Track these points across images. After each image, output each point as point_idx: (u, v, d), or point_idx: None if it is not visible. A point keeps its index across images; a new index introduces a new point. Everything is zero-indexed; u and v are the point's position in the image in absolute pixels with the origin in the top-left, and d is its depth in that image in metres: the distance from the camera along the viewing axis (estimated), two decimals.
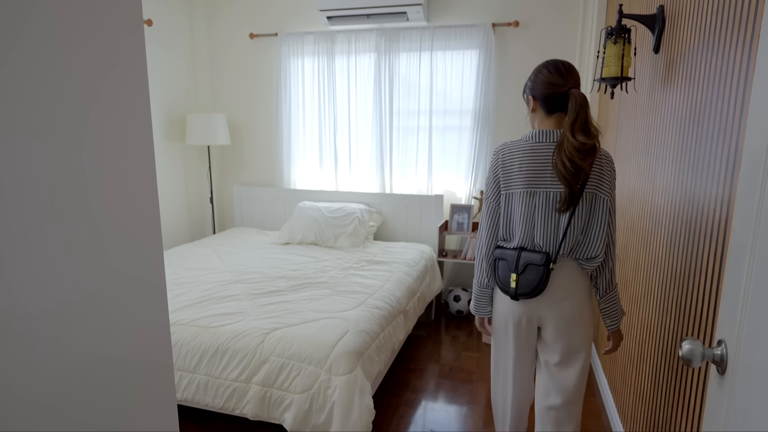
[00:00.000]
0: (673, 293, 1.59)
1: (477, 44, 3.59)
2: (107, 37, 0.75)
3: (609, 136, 2.89)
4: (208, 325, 2.21)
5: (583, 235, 1.58)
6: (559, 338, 1.61)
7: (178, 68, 4.01)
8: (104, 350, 0.80)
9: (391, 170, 3.93)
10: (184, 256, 3.32)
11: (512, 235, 1.63)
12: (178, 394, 2.13)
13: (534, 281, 1.55)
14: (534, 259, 1.56)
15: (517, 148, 1.59)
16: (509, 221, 1.63)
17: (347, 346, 2.04)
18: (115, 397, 0.83)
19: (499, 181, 1.61)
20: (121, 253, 0.83)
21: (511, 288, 1.59)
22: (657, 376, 1.73)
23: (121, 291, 0.82)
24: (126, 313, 0.84)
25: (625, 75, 1.93)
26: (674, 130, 1.69)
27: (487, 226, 1.65)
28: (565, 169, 1.48)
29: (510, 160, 1.59)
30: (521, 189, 1.57)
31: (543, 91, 1.56)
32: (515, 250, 1.60)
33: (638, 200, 2.12)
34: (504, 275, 1.62)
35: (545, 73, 1.56)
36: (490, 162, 1.65)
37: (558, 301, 1.58)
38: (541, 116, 1.60)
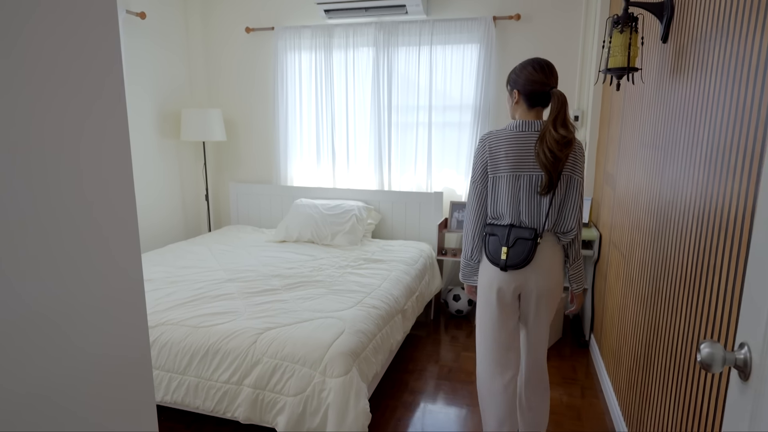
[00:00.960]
0: (684, 293, 1.52)
1: (477, 38, 3.52)
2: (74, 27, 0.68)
3: (614, 131, 2.81)
4: (198, 325, 2.14)
5: (559, 212, 1.81)
6: (537, 304, 1.84)
7: (172, 62, 3.93)
8: (80, 351, 0.74)
9: (389, 167, 3.85)
10: (177, 254, 3.24)
11: (501, 214, 1.83)
12: (167, 397, 2.06)
13: (523, 254, 1.77)
14: (523, 234, 1.78)
15: (502, 136, 1.79)
16: (496, 201, 1.83)
17: (343, 346, 1.97)
18: (92, 399, 0.77)
19: (486, 165, 1.81)
20: (98, 254, 0.76)
21: (501, 260, 1.79)
22: (665, 379, 1.65)
23: (96, 291, 0.75)
24: (101, 313, 0.77)
25: (631, 65, 1.85)
26: (684, 122, 1.61)
27: (475, 207, 1.85)
28: (546, 159, 1.71)
29: (497, 146, 1.79)
30: (507, 173, 1.78)
31: (528, 87, 1.77)
32: (506, 227, 1.81)
33: (644, 197, 2.04)
34: (495, 249, 1.82)
35: (530, 70, 1.77)
36: (477, 148, 1.84)
37: (540, 272, 1.81)
38: (523, 108, 1.82)
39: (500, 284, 1.82)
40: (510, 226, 1.80)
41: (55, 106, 0.67)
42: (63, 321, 0.71)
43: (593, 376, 2.80)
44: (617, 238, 2.55)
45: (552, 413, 2.45)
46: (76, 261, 0.72)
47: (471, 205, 1.87)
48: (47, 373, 0.69)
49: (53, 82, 0.67)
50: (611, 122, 2.90)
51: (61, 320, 0.70)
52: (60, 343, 0.71)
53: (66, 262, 0.71)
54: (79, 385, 0.75)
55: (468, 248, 1.89)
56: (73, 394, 0.74)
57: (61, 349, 0.71)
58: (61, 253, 0.70)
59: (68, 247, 0.71)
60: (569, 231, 1.82)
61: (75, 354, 0.73)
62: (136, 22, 3.57)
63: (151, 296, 2.46)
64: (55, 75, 0.67)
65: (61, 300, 0.70)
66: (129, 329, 0.85)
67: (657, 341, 1.77)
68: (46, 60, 0.65)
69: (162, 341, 2.10)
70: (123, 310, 0.83)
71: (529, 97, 1.79)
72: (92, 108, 0.73)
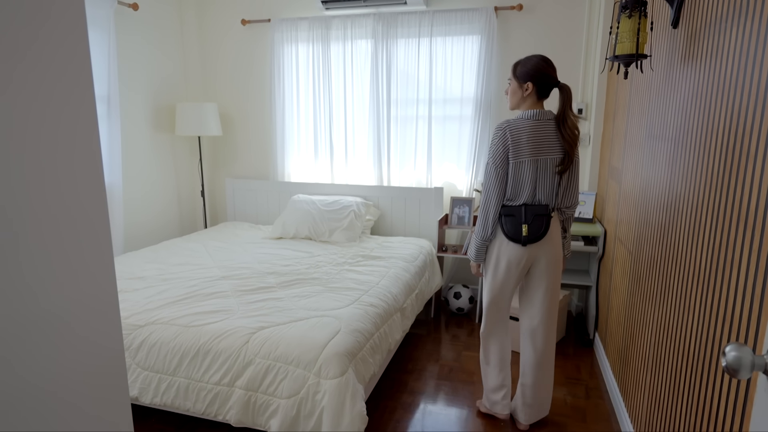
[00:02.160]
0: (698, 290, 1.44)
1: (478, 29, 3.43)
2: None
3: (619, 124, 2.72)
4: (189, 324, 2.06)
5: (566, 190, 2.06)
6: (547, 272, 2.08)
7: (166, 55, 3.85)
8: (51, 351, 0.66)
9: (388, 162, 3.77)
10: (171, 251, 3.16)
11: (517, 195, 2.01)
12: (156, 399, 1.99)
13: (541, 229, 2.00)
14: (539, 210, 2.00)
15: (522, 125, 1.97)
16: (517, 184, 2.00)
17: (338, 346, 1.89)
18: (64, 400, 0.69)
19: (509, 151, 1.97)
20: (70, 255, 0.68)
21: (523, 236, 2.00)
22: (677, 381, 1.57)
23: (68, 291, 0.67)
24: (73, 313, 0.69)
25: (640, 52, 1.76)
26: (698, 110, 1.53)
27: (497, 190, 2.00)
28: (571, 138, 1.97)
29: (517, 134, 1.96)
30: (529, 157, 1.97)
31: (542, 80, 1.97)
32: (520, 207, 2.00)
33: (653, 190, 1.96)
34: (514, 227, 2.01)
35: (543, 65, 1.97)
36: (497, 136, 1.98)
37: (550, 243, 2.05)
38: (533, 99, 2.01)
39: (519, 258, 2.04)
40: (524, 205, 2.00)
41: (19, 101, 0.59)
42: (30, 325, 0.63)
43: (598, 376, 2.72)
44: (623, 233, 2.47)
45: (556, 414, 2.37)
46: (41, 262, 0.64)
47: (492, 188, 2.01)
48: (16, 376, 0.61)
49: (16, 74, 0.58)
50: (617, 114, 2.82)
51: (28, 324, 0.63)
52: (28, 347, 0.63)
53: (31, 262, 0.63)
54: (50, 386, 0.67)
55: (488, 229, 2.05)
56: (42, 396, 0.66)
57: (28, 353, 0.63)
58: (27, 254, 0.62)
59: (36, 247, 0.63)
60: (573, 205, 2.10)
61: (42, 358, 0.65)
62: (129, 13, 3.48)
63: (142, 294, 2.38)
64: (18, 66, 0.59)
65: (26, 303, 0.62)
66: (101, 330, 0.77)
67: (667, 341, 1.68)
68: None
69: (151, 341, 2.02)
70: (94, 312, 0.75)
71: (541, 89, 1.99)
72: (56, 99, 0.65)
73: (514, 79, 2.02)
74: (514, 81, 2.02)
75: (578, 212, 3.24)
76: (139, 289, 2.46)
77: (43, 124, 0.65)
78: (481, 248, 2.09)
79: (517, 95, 2.02)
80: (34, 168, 0.64)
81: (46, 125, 0.65)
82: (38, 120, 0.64)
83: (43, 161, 0.65)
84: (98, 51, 3.18)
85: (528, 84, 1.98)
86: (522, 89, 2.00)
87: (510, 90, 2.05)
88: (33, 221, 0.64)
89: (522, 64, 1.99)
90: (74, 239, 0.71)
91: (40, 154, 0.65)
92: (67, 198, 0.70)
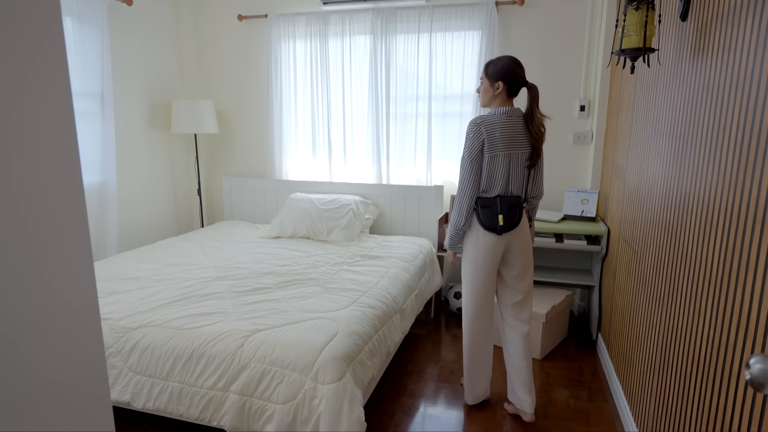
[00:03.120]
0: (708, 293, 1.38)
1: (479, 25, 3.36)
2: None
3: (624, 120, 2.66)
4: (183, 327, 2.00)
5: (534, 181, 2.22)
6: (521, 255, 2.22)
7: (161, 51, 3.78)
8: (27, 352, 0.60)
9: (388, 160, 3.71)
10: (166, 251, 3.11)
11: (491, 187, 2.14)
12: (149, 403, 1.93)
13: (515, 218, 2.15)
14: (513, 201, 2.15)
15: (496, 120, 2.10)
16: (491, 177, 2.12)
17: (336, 350, 1.83)
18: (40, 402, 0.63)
19: (484, 146, 2.09)
20: (46, 256, 0.62)
21: (499, 226, 2.13)
22: (686, 386, 1.52)
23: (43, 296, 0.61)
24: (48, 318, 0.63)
25: (648, 46, 1.70)
26: (709, 106, 1.47)
27: (472, 183, 2.12)
28: (537, 135, 2.12)
29: (492, 130, 2.08)
30: (503, 152, 2.10)
31: (513, 80, 2.10)
32: (495, 198, 2.13)
33: (660, 188, 1.90)
34: (490, 218, 2.13)
35: (513, 66, 2.09)
36: (472, 131, 2.09)
37: (521, 231, 2.20)
38: (504, 98, 2.13)
39: (495, 246, 2.17)
40: (498, 197, 2.13)
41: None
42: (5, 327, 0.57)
43: (601, 378, 2.67)
44: (627, 233, 2.42)
45: (559, 418, 2.32)
46: (18, 264, 0.58)
47: (467, 181, 2.12)
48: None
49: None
50: (621, 111, 2.76)
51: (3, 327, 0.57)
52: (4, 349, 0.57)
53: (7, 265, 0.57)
54: (25, 390, 0.61)
55: (461, 219, 2.16)
56: (19, 399, 0.60)
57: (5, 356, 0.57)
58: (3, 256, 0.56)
59: (12, 249, 0.57)
60: (539, 195, 2.25)
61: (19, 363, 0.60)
62: (122, 8, 3.42)
63: (135, 296, 2.33)
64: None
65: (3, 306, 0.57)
66: (80, 333, 0.71)
67: (675, 345, 1.63)
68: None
69: (144, 344, 1.97)
70: (73, 315, 0.69)
71: (510, 88, 2.11)
72: (28, 91, 0.59)
73: (486, 78, 2.14)
74: (486, 80, 2.14)
75: (581, 211, 3.18)
76: (133, 290, 2.40)
77: (12, 119, 0.59)
78: (455, 237, 2.21)
79: (488, 93, 2.14)
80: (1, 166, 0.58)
81: (16, 119, 0.59)
82: (5, 114, 0.58)
83: (12, 158, 0.59)
84: (91, 47, 3.11)
85: (499, 83, 2.10)
86: (493, 88, 2.12)
87: (482, 89, 2.17)
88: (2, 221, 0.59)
89: (493, 65, 2.11)
90: (50, 239, 0.66)
91: (9, 151, 0.59)
92: (41, 197, 0.64)
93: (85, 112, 3.12)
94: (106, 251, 3.28)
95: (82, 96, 3.09)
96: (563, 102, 3.36)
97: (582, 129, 3.37)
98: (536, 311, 2.82)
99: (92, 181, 3.21)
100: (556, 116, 3.39)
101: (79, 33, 3.04)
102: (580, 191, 3.21)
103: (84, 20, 3.06)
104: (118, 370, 1.98)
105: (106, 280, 2.56)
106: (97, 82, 3.17)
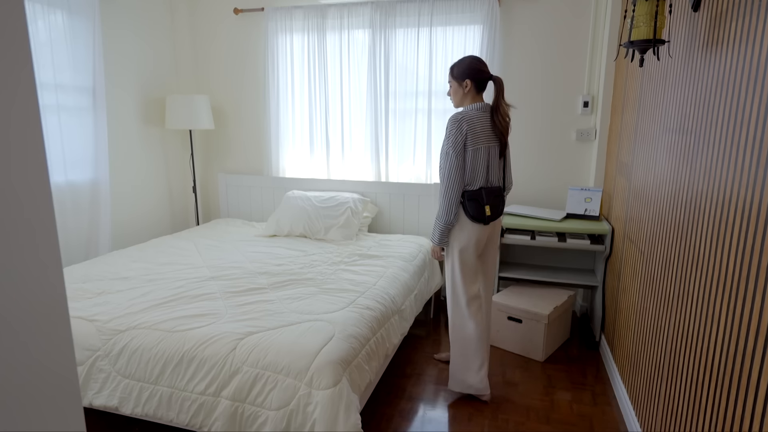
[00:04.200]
0: (722, 296, 1.31)
1: (480, 19, 3.29)
2: None
3: (629, 116, 2.59)
4: (173, 329, 1.93)
5: (506, 171, 2.35)
6: (493, 247, 2.39)
7: (155, 44, 3.70)
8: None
9: (387, 157, 3.63)
10: (159, 250, 3.03)
11: (474, 180, 2.22)
12: (138, 409, 1.86)
13: (499, 207, 2.29)
14: (495, 192, 2.26)
15: (474, 116, 2.19)
16: (473, 169, 2.20)
17: (332, 354, 1.76)
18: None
19: (467, 140, 2.17)
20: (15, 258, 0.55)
21: (487, 216, 2.22)
22: (697, 393, 1.45)
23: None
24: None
25: (658, 37, 1.63)
26: (724, 100, 1.40)
27: (458, 177, 2.19)
28: (502, 126, 2.22)
29: (472, 124, 2.18)
30: (483, 145, 2.20)
31: (477, 76, 2.20)
32: (480, 190, 2.22)
33: (669, 186, 1.83)
34: (478, 210, 2.22)
35: (476, 63, 2.20)
36: (455, 127, 2.16)
37: (498, 222, 2.36)
38: (473, 94, 2.23)
39: (479, 236, 2.27)
40: (482, 188, 2.22)
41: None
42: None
43: (605, 381, 2.60)
44: (633, 232, 2.35)
45: (562, 422, 2.25)
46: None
47: (453, 175, 2.18)
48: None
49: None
50: (626, 107, 2.68)
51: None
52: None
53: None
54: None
55: (451, 214, 2.21)
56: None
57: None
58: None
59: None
60: (510, 185, 2.40)
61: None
62: (115, 0, 3.34)
63: (125, 296, 2.26)
64: None
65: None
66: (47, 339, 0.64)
67: (686, 350, 1.56)
68: None
69: (132, 347, 1.90)
70: (39, 314, 0.62)
71: (479, 85, 2.22)
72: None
73: (454, 80, 2.24)
74: (454, 82, 2.24)
75: (584, 209, 3.11)
76: (123, 291, 2.33)
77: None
78: (445, 232, 2.26)
79: (458, 93, 2.24)
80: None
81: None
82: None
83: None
84: (82, 40, 3.03)
85: (467, 81, 2.20)
86: (462, 87, 2.22)
87: (452, 91, 2.26)
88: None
89: (457, 66, 2.22)
90: (14, 238, 0.58)
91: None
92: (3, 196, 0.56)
93: (75, 107, 3.04)
94: (98, 250, 3.21)
95: (72, 90, 3.01)
96: (566, 98, 3.28)
97: (585, 126, 3.30)
98: (538, 312, 2.75)
99: (84, 178, 3.14)
100: (559, 113, 3.31)
101: (70, 26, 2.96)
102: (583, 189, 3.14)
103: (75, 12, 2.98)
104: (105, 374, 1.91)
105: (96, 279, 2.48)
106: (88, 76, 3.09)
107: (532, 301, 2.89)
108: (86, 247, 3.20)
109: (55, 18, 2.88)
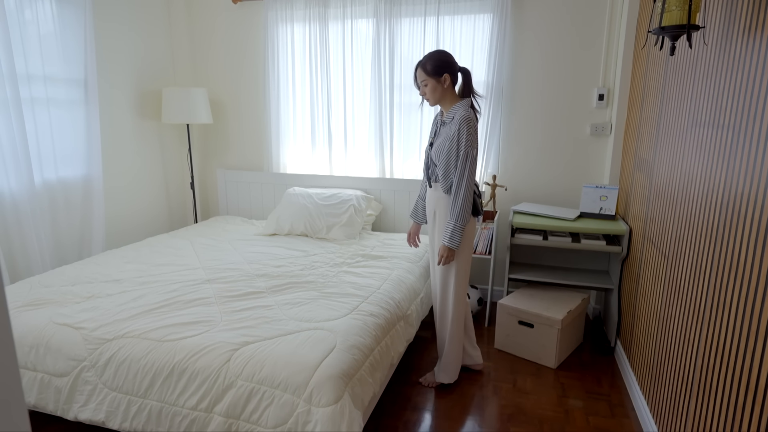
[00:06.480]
0: (765, 311, 1.17)
1: (490, 7, 3.13)
2: None
3: (649, 110, 2.43)
4: (163, 338, 1.80)
5: None
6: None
7: (151, 35, 3.56)
8: None
9: (391, 152, 3.49)
10: (155, 249, 2.91)
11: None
12: (125, 423, 1.74)
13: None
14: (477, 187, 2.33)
15: (471, 114, 2.16)
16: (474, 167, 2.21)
17: (333, 367, 1.63)
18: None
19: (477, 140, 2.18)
20: None
21: (483, 210, 2.35)
22: (735, 417, 1.31)
23: None
24: None
25: (692, 22, 1.48)
26: (767, 92, 1.24)
27: (474, 178, 2.18)
28: (477, 118, 2.20)
29: (475, 122, 2.17)
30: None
31: (451, 68, 2.14)
32: (477, 186, 2.31)
33: (699, 186, 1.68)
34: (478, 205, 2.30)
35: (445, 55, 2.14)
36: (472, 127, 2.12)
37: None
38: (451, 89, 2.18)
39: (475, 228, 2.34)
40: (475, 184, 2.26)
41: None
42: None
43: (621, 390, 2.46)
44: (654, 233, 2.20)
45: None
46: None
47: (472, 175, 2.16)
48: None
49: None
50: (646, 99, 2.52)
51: None
52: None
53: None
54: None
55: (469, 213, 2.19)
56: None
57: None
58: None
59: None
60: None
61: None
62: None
63: (115, 301, 2.13)
64: None
65: None
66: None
67: (720, 367, 1.42)
68: None
69: (119, 358, 1.77)
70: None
71: (454, 77, 2.16)
72: None
73: (430, 78, 2.13)
74: (431, 80, 2.13)
75: (599, 208, 2.96)
76: (113, 295, 2.20)
77: None
78: (462, 232, 2.20)
79: (437, 91, 2.15)
80: None
81: None
82: None
83: None
84: (72, 30, 2.90)
85: (444, 76, 2.13)
86: (441, 83, 2.14)
87: (429, 90, 2.15)
88: None
89: (429, 62, 2.12)
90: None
91: None
92: None
93: (66, 100, 2.91)
94: (91, 249, 3.09)
95: (62, 83, 2.88)
96: (580, 91, 3.13)
97: (600, 120, 3.14)
98: (551, 317, 2.61)
99: (76, 174, 3.01)
100: (572, 107, 3.15)
101: (59, 15, 2.82)
102: (599, 187, 2.99)
103: (65, 1, 2.84)
104: (92, 386, 1.79)
105: (86, 282, 2.36)
106: (80, 68, 2.96)
107: (544, 304, 2.75)
108: (80, 246, 3.08)
109: (44, 6, 2.74)
